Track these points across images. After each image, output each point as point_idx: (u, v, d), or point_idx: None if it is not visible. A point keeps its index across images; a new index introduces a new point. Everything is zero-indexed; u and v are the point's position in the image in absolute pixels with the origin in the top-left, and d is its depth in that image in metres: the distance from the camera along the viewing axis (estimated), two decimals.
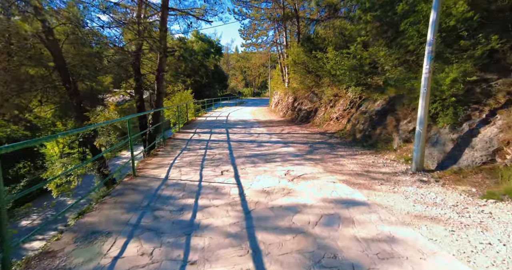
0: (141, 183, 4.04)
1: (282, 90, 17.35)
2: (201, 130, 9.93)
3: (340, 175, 4.11)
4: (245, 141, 7.46)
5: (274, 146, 6.55)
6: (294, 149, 6.14)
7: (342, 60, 8.94)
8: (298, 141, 7.20)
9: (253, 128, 10.04)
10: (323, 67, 9.93)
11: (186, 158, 5.59)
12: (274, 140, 7.40)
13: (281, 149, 6.21)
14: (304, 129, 9.30)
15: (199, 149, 6.51)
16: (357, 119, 7.18)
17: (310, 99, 11.65)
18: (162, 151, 6.46)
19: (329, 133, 7.97)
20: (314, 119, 10.30)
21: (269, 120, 13.05)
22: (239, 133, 8.88)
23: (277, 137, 7.87)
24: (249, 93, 60.19)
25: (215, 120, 13.93)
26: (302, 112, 11.67)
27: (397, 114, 5.48)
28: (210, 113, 18.53)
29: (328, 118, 9.18)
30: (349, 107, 8.31)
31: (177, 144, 7.36)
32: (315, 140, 7.22)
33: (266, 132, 8.88)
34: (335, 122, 8.68)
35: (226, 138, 8.15)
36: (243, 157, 5.53)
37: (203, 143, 7.28)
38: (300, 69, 12.90)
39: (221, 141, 7.54)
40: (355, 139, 6.59)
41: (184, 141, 7.74)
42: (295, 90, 14.16)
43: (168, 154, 6.09)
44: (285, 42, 16.61)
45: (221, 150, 6.32)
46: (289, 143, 6.86)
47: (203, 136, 8.58)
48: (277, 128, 9.98)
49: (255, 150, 6.17)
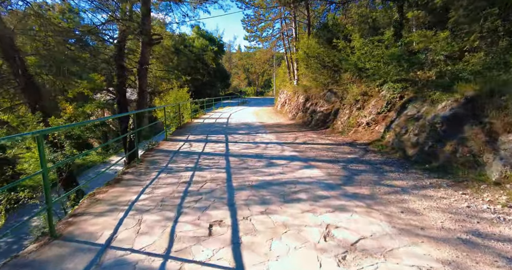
0: (54, 259, 2.13)
1: (290, 89, 15.38)
2: (195, 138, 8.03)
3: (429, 244, 2.18)
4: (249, 155, 5.54)
5: (291, 166, 4.62)
6: (322, 172, 4.21)
7: (373, 50, 6.98)
8: (322, 156, 5.26)
9: (258, 135, 8.11)
10: (347, 59, 7.96)
11: (161, 188, 3.68)
12: (288, 155, 5.47)
13: (303, 171, 4.28)
14: (324, 137, 7.35)
15: (185, 169, 4.60)
16: (403, 128, 5.21)
17: (327, 99, 9.69)
18: (133, 171, 4.56)
19: (360, 145, 6.02)
20: (335, 124, 8.34)
21: (277, 124, 11.10)
22: (241, 143, 6.97)
23: (292, 149, 5.94)
24: (252, 93, 58.25)
25: (214, 123, 12.03)
26: (317, 115, 9.72)
27: (490, 124, 3.52)
28: (209, 114, 16.63)
29: (354, 124, 7.22)
30: (386, 110, 6.35)
31: (158, 159, 5.46)
32: (345, 155, 5.27)
33: (275, 142, 6.94)
34: (366, 129, 6.72)
35: (225, 149, 6.24)
36: (247, 187, 3.61)
37: (193, 158, 5.38)
38: (313, 63, 10.93)
39: (217, 155, 5.62)
40: (407, 156, 4.64)
41: (168, 154, 5.83)
42: (307, 89, 12.19)
43: (138, 178, 4.19)
44: (294, 33, 14.63)
45: (215, 171, 4.41)
46: (310, 160, 4.92)
47: (195, 146, 6.67)
48: (289, 135, 8.04)
49: (264, 173, 4.25)
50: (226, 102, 29.70)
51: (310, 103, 11.08)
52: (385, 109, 6.38)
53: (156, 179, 4.08)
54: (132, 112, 6.41)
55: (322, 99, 10.09)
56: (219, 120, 12.86)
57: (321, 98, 10.21)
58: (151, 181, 4.01)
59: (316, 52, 10.71)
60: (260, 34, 18.84)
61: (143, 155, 5.83)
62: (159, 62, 10.64)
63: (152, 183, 3.92)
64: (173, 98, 14.61)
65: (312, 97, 11.33)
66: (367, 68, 7.22)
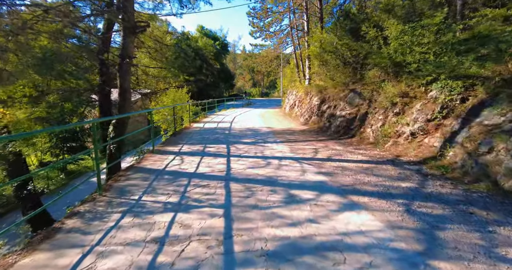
0: None
1: (301, 89, 13.80)
2: (190, 149, 6.52)
3: None
4: (258, 180, 3.99)
5: (324, 204, 3.05)
6: (376, 218, 2.63)
7: (417, 38, 5.39)
8: (363, 184, 3.68)
9: (267, 146, 6.57)
10: (379, 52, 6.37)
11: (111, 256, 2.15)
12: (313, 180, 3.90)
13: (345, 216, 2.71)
14: (353, 150, 5.75)
15: (163, 209, 3.07)
16: (482, 143, 3.61)
17: (349, 101, 8.10)
18: (86, 211, 3.06)
19: (408, 164, 4.41)
20: (362, 132, 6.74)
21: (288, 130, 9.54)
22: (247, 157, 5.42)
23: (316, 170, 4.37)
24: (257, 94, 56.79)
25: (215, 128, 10.53)
26: (337, 120, 8.12)
27: None
28: (211, 117, 15.16)
29: (392, 133, 5.62)
30: (440, 116, 4.74)
31: (132, 185, 3.95)
32: (395, 182, 3.68)
33: (291, 156, 5.39)
34: (410, 142, 5.11)
35: (225, 167, 4.71)
36: (258, 258, 2.06)
37: (180, 184, 3.85)
38: (331, 59, 9.36)
39: (215, 178, 4.09)
40: (502, 190, 3.03)
41: (149, 176, 4.32)
42: (322, 89, 10.61)
43: (87, 227, 2.67)
44: (306, 27, 13.05)
45: (207, 214, 2.87)
46: (350, 192, 3.35)
47: (187, 162, 5.15)
48: (305, 146, 6.46)
49: (284, 221, 2.69)
50: (230, 104, 28.22)
51: (327, 106, 9.49)
52: (438, 116, 4.77)
53: (112, 231, 2.55)
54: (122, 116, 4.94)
55: (343, 101, 8.50)
56: (221, 125, 11.35)
57: (341, 100, 8.61)
58: (104, 235, 2.49)
59: (334, 46, 9.15)
60: (266, 29, 17.29)
61: (115, 178, 4.33)
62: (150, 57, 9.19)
63: (102, 240, 2.39)
64: (171, 99, 13.16)
65: (329, 99, 9.75)
66: (408, 62, 5.63)
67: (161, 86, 11.98)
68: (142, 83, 10.87)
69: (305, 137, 7.96)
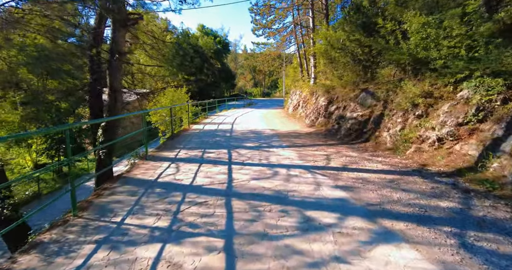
0: None
1: (306, 89, 13.16)
2: (187, 154, 5.91)
3: None
4: (265, 196, 3.36)
5: (350, 231, 2.42)
6: (426, 258, 1.99)
7: (444, 32, 4.76)
8: (392, 202, 3.04)
9: (273, 151, 5.94)
10: (399, 48, 5.72)
11: None
12: (332, 196, 3.27)
13: (382, 252, 2.08)
14: (369, 157, 5.12)
15: (148, 239, 2.44)
16: None
17: (361, 101, 7.46)
18: (50, 240, 2.44)
19: (439, 175, 3.78)
20: (378, 136, 6.10)
21: (293, 132, 8.91)
22: (251, 165, 4.80)
23: (332, 182, 3.74)
24: (258, 94, 56.15)
25: (216, 130, 9.92)
26: (347, 122, 7.48)
27: None
28: (212, 118, 14.55)
29: (415, 139, 4.98)
30: (474, 119, 4.10)
31: (115, 201, 3.33)
32: (431, 200, 3.04)
33: (300, 164, 4.76)
34: (437, 148, 4.47)
35: (226, 178, 4.09)
36: None
37: (173, 200, 3.23)
38: (340, 57, 8.72)
39: (214, 193, 3.46)
40: None
41: (137, 190, 3.70)
42: (329, 89, 9.98)
43: (46, 266, 2.06)
44: (311, 24, 12.41)
45: (203, 246, 2.25)
46: (379, 214, 2.72)
47: (183, 171, 4.53)
48: (315, 151, 5.83)
49: (303, 259, 2.07)
50: (231, 104, 27.59)
51: (335, 106, 8.86)
52: (472, 119, 4.13)
53: None
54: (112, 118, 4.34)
55: (353, 102, 7.86)
56: (222, 127, 10.73)
57: (352, 100, 7.98)
58: None
59: (342, 43, 8.51)
60: (269, 27, 16.63)
61: (98, 192, 3.72)
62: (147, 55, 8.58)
63: None
64: (169, 100, 12.55)
65: (337, 99, 9.11)
66: (432, 58, 4.99)
67: (159, 86, 11.37)
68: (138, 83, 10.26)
69: (313, 140, 7.33)
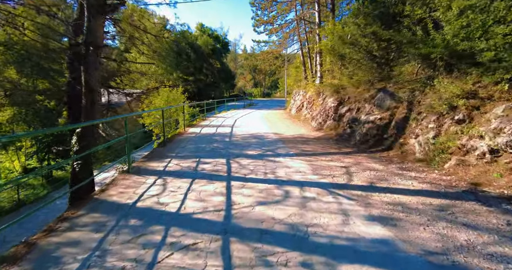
0: None
1: (311, 89, 12.26)
2: (178, 165, 4.99)
3: None
4: (277, 234, 2.45)
5: None
6: None
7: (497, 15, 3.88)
8: (457, 247, 2.14)
9: (280, 161, 5.03)
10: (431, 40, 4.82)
11: None
12: (369, 237, 2.36)
13: None
14: (397, 170, 4.21)
15: None
16: None
17: (378, 102, 6.56)
18: None
19: (506, 200, 2.88)
20: (404, 143, 5.19)
21: (300, 137, 8.01)
22: (255, 182, 3.89)
23: (364, 211, 2.83)
24: (259, 94, 55.29)
25: (214, 134, 9.01)
26: (362, 126, 6.58)
27: None
28: (210, 120, 13.65)
29: (455, 149, 4.07)
30: None
31: (73, 241, 2.41)
32: None
33: (316, 181, 3.85)
34: (489, 163, 3.57)
35: (224, 203, 3.18)
36: None
37: (150, 240, 2.32)
38: (353, 53, 7.82)
39: (207, 227, 2.55)
40: None
41: (106, 222, 2.79)
42: (339, 88, 9.08)
43: None
44: (318, 19, 11.51)
45: None
46: None
47: (169, 191, 3.61)
48: (329, 162, 4.92)
49: None
50: (230, 105, 26.68)
51: (347, 108, 7.95)
52: None
53: None
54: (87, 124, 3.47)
55: (369, 103, 6.96)
56: (221, 130, 9.82)
57: (367, 101, 7.08)
58: None
59: (355, 37, 7.62)
60: (271, 23, 15.72)
61: (52, 225, 2.80)
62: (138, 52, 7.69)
63: None
64: (163, 101, 11.65)
65: (348, 100, 8.22)
66: (479, 49, 4.08)
67: (152, 85, 10.46)
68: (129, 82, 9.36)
69: (324, 147, 6.42)
